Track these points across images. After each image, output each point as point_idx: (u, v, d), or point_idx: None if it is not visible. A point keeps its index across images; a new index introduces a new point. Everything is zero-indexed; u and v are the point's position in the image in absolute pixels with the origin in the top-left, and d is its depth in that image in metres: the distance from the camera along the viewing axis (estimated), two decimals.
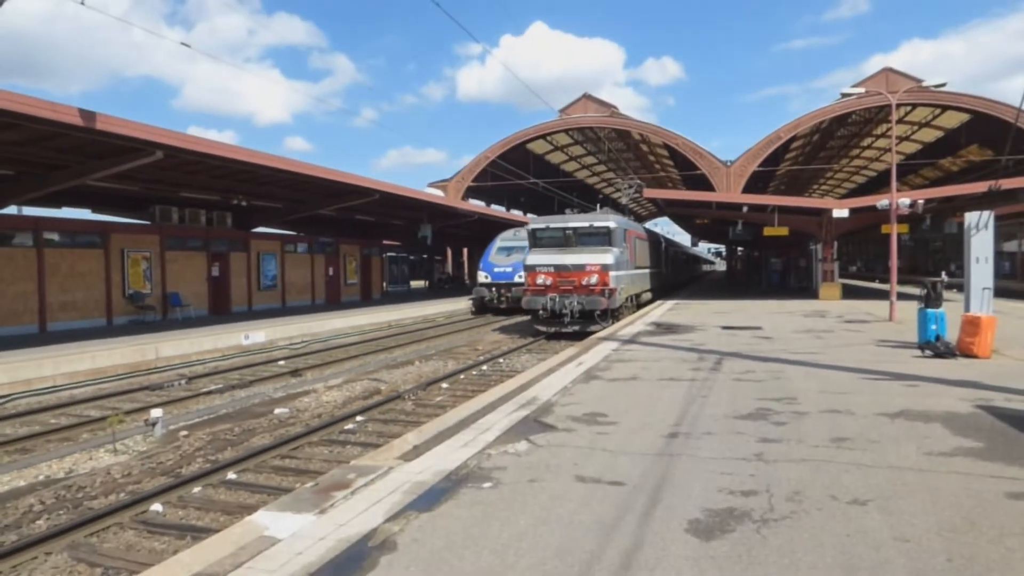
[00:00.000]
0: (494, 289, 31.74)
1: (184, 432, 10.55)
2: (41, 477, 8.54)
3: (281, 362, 18.14)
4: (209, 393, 13.86)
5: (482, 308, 32.67)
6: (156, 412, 10.50)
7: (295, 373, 16.28)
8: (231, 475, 8.39)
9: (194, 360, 17.75)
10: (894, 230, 21.41)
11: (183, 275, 26.00)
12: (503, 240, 33.33)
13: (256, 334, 20.25)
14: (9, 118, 13.02)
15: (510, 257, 31.48)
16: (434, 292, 47.60)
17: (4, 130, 14.41)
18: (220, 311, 27.53)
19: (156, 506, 7.34)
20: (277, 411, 11.88)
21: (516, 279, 29.84)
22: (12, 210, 21.73)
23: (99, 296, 22.50)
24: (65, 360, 14.63)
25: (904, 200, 22.50)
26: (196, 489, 7.92)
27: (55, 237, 21.20)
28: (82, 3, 11.73)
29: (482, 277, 32.37)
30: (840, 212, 28.38)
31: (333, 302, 34.57)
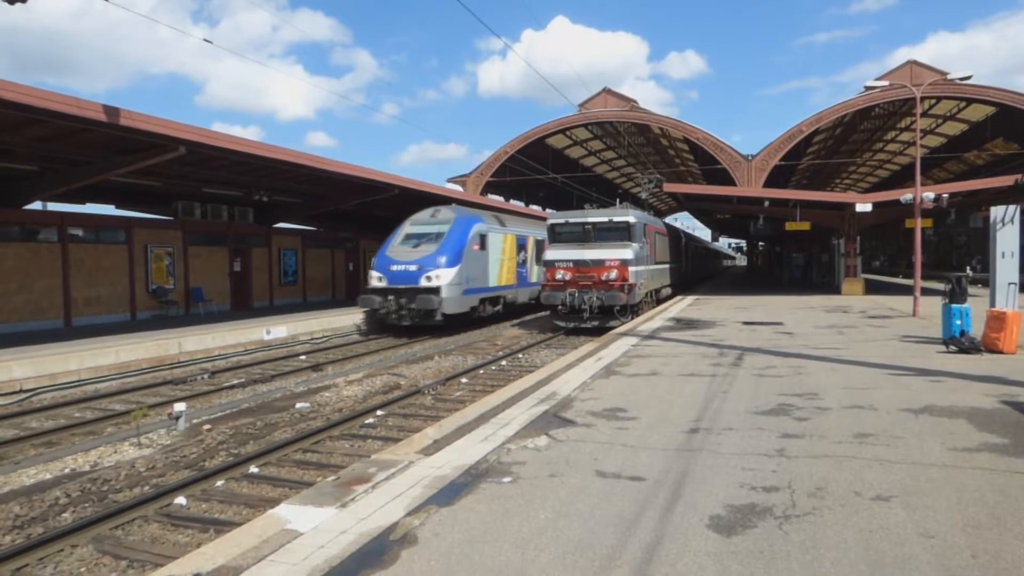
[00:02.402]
0: (391, 297, 21.70)
1: (207, 426, 10.65)
2: (67, 470, 8.66)
3: (302, 356, 18.28)
4: (231, 387, 13.99)
5: (378, 324, 23.25)
6: (179, 406, 10.61)
7: (316, 368, 16.38)
8: (253, 469, 8.46)
9: (216, 355, 17.91)
10: (918, 224, 21.14)
11: (205, 270, 26.26)
12: (414, 224, 24.08)
13: (277, 329, 20.39)
14: (34, 114, 13.18)
15: (418, 249, 22.60)
16: None
17: (29, 126, 14.60)
18: (242, 306, 27.76)
19: (180, 499, 7.43)
20: (298, 405, 11.96)
21: (425, 281, 21.54)
22: (37, 206, 22.01)
23: (123, 291, 22.77)
24: (90, 355, 14.82)
25: (928, 194, 22.21)
26: (219, 483, 8.00)
27: (79, 233, 21.49)
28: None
29: (374, 279, 22.46)
30: (863, 206, 28.05)
31: (353, 297, 34.69)
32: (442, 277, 21.80)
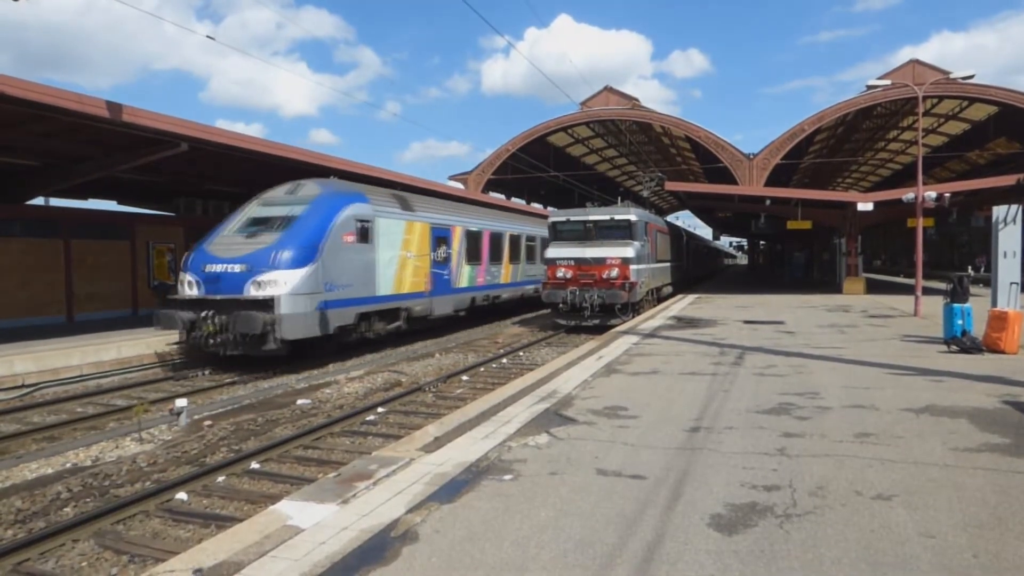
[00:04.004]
0: (207, 313, 14.64)
1: (208, 422, 10.66)
2: (68, 465, 8.68)
3: None
4: (233, 383, 14.01)
5: (192, 346, 15.43)
6: (181, 402, 10.62)
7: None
8: (254, 465, 8.48)
9: None
10: (919, 224, 21.13)
11: None
12: (263, 204, 17.01)
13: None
14: (37, 110, 13.18)
15: (254, 240, 15.56)
16: None
17: (32, 122, 14.59)
18: None
19: (181, 495, 7.44)
20: (299, 402, 11.97)
21: (253, 289, 14.63)
22: (39, 201, 22.03)
23: (125, 287, 22.78)
24: (92, 350, 14.82)
25: (930, 193, 22.20)
26: (220, 478, 8.01)
27: (82, 229, 21.48)
28: None
29: (185, 285, 15.50)
30: (865, 205, 28.04)
31: None
32: (281, 282, 14.52)
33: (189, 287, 15.36)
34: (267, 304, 14.33)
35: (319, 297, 15.38)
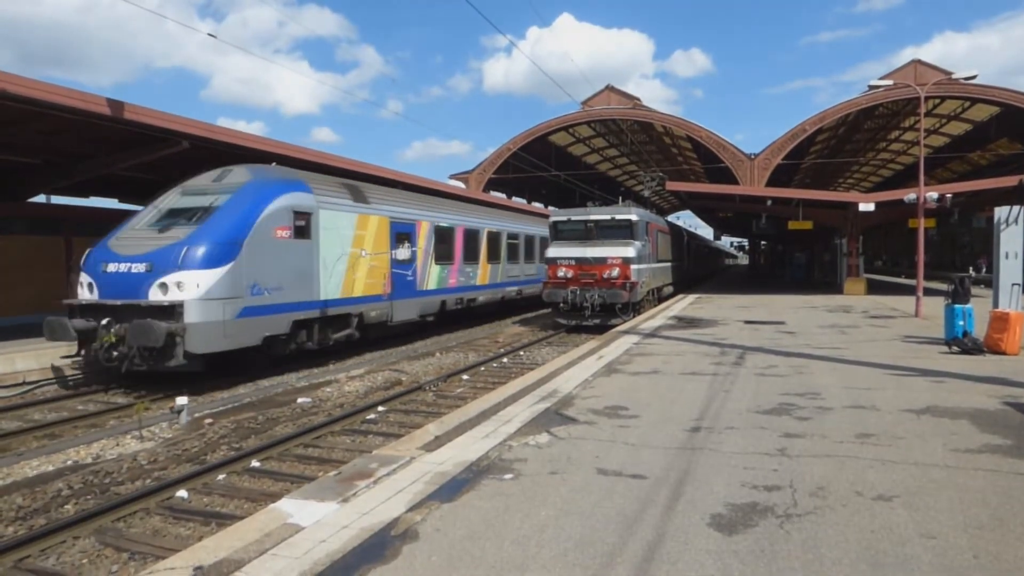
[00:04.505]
0: (106, 321, 12.52)
1: (209, 420, 10.67)
2: (69, 462, 8.68)
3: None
4: (233, 382, 14.01)
5: (91, 360, 13.34)
6: (182, 399, 10.62)
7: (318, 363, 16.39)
8: (255, 463, 8.48)
9: None
10: (921, 224, 21.12)
11: None
12: (185, 193, 14.60)
13: None
14: (39, 108, 13.18)
15: (165, 234, 13.35)
16: None
17: (34, 120, 14.59)
18: None
19: (181, 492, 7.44)
20: (300, 400, 11.97)
21: (157, 292, 12.47)
22: (41, 199, 22.03)
23: None
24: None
25: (932, 194, 22.17)
26: (221, 476, 8.02)
27: (83, 227, 21.47)
28: None
29: (84, 287, 13.25)
30: (866, 206, 28.02)
31: None
32: (190, 285, 12.37)
33: (86, 289, 13.12)
34: (172, 311, 12.28)
35: (240, 302, 13.13)
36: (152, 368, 12.42)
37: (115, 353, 12.37)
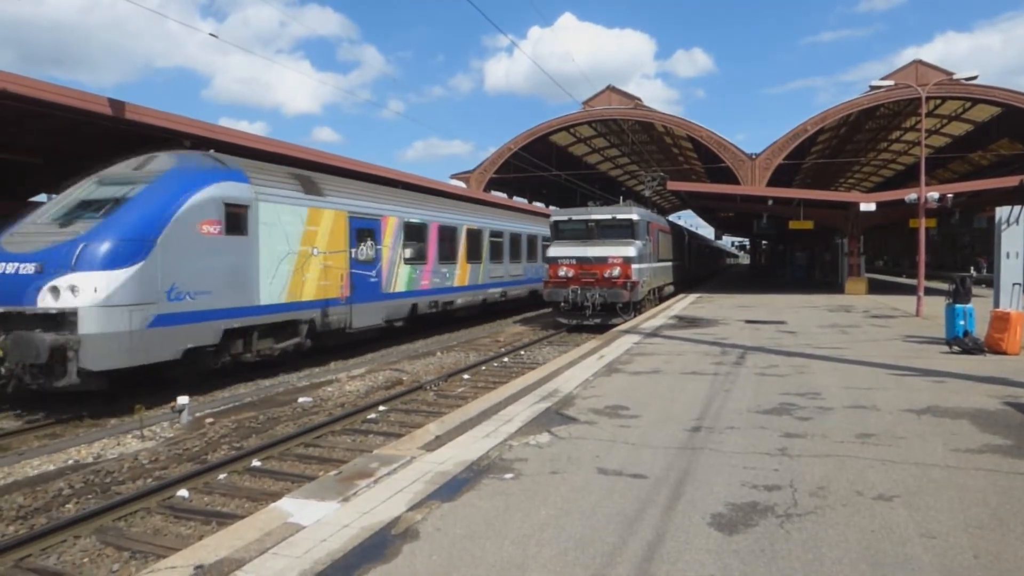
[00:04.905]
0: None
1: (210, 419, 10.67)
2: (70, 462, 8.68)
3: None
4: (234, 381, 14.02)
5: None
6: (182, 399, 10.62)
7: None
8: (256, 462, 8.49)
9: None
10: (922, 225, 21.12)
11: None
12: (99, 183, 12.59)
13: None
14: (41, 107, 13.20)
15: (66, 229, 11.35)
16: None
17: (35, 119, 14.62)
18: None
19: (182, 492, 7.45)
20: (301, 400, 11.98)
21: (47, 298, 10.56)
22: (42, 198, 22.05)
23: None
24: None
25: (933, 194, 22.15)
26: (221, 476, 8.03)
27: None
28: None
29: None
30: (867, 206, 28.01)
31: None
32: (86, 288, 10.59)
33: None
34: (63, 320, 10.46)
35: (151, 309, 11.26)
36: (42, 388, 10.57)
37: (1, 370, 10.52)
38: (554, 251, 22.42)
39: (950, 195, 23.33)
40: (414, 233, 19.81)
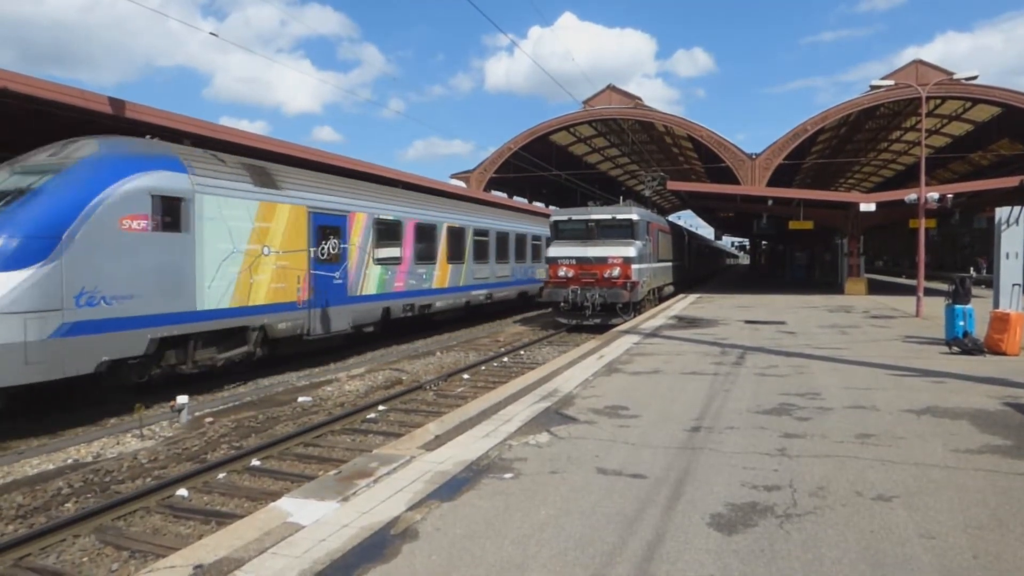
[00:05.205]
0: None
1: (209, 419, 10.67)
2: (69, 461, 8.68)
3: None
4: (234, 381, 14.02)
5: None
6: (182, 398, 10.63)
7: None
8: (255, 462, 8.49)
9: None
10: (922, 225, 21.12)
11: None
12: (19, 171, 11.19)
13: None
14: (40, 106, 13.19)
15: None
16: None
17: (36, 119, 14.61)
18: None
19: (182, 491, 7.45)
20: (300, 399, 11.98)
21: None
22: None
23: None
24: None
25: (933, 194, 22.16)
26: (221, 475, 8.03)
27: None
28: None
29: None
30: (867, 206, 28.01)
31: None
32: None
33: None
34: None
35: (57, 317, 9.90)
36: None
37: None
38: (554, 251, 22.42)
39: (950, 195, 23.33)
40: (387, 231, 18.43)
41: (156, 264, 11.49)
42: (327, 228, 15.79)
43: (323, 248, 15.61)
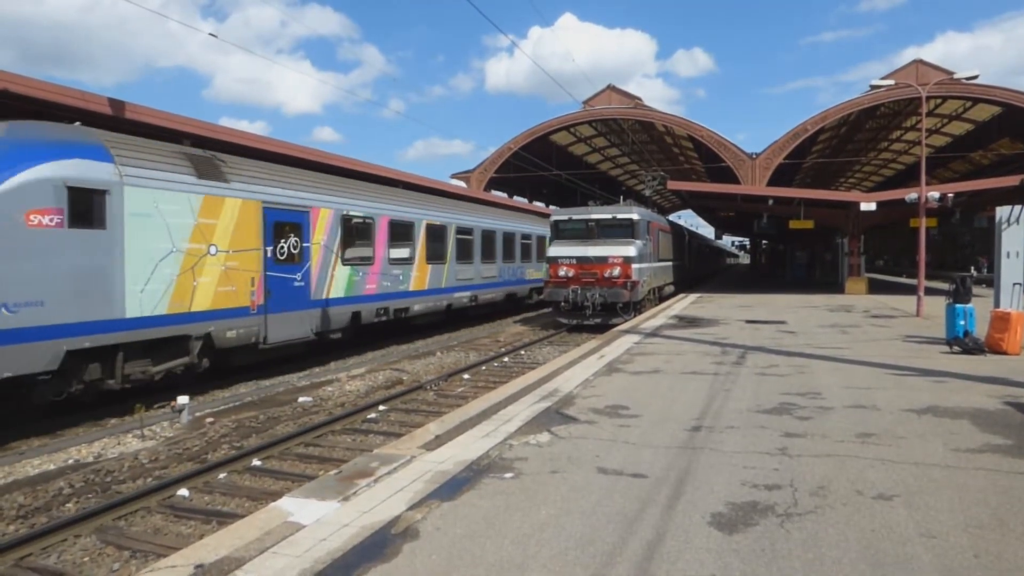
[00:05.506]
0: None
1: (210, 419, 10.68)
2: (70, 461, 8.69)
3: None
4: (234, 381, 14.03)
5: None
6: (183, 399, 10.63)
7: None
8: (256, 462, 8.49)
9: None
10: (923, 224, 21.11)
11: None
12: None
13: None
14: (39, 107, 13.20)
15: None
16: None
17: (36, 119, 14.61)
18: None
19: (183, 491, 7.45)
20: (301, 399, 11.98)
21: None
22: None
23: None
24: None
25: (933, 193, 22.14)
26: (222, 475, 8.03)
27: None
28: None
29: None
30: (868, 205, 28.00)
31: None
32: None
33: None
34: None
35: None
36: None
37: None
38: (554, 251, 22.43)
39: (950, 195, 23.31)
40: (357, 228, 16.99)
41: (72, 265, 10.06)
42: (285, 225, 14.44)
43: (281, 247, 14.27)
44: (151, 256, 11.29)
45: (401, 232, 19.13)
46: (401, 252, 19.09)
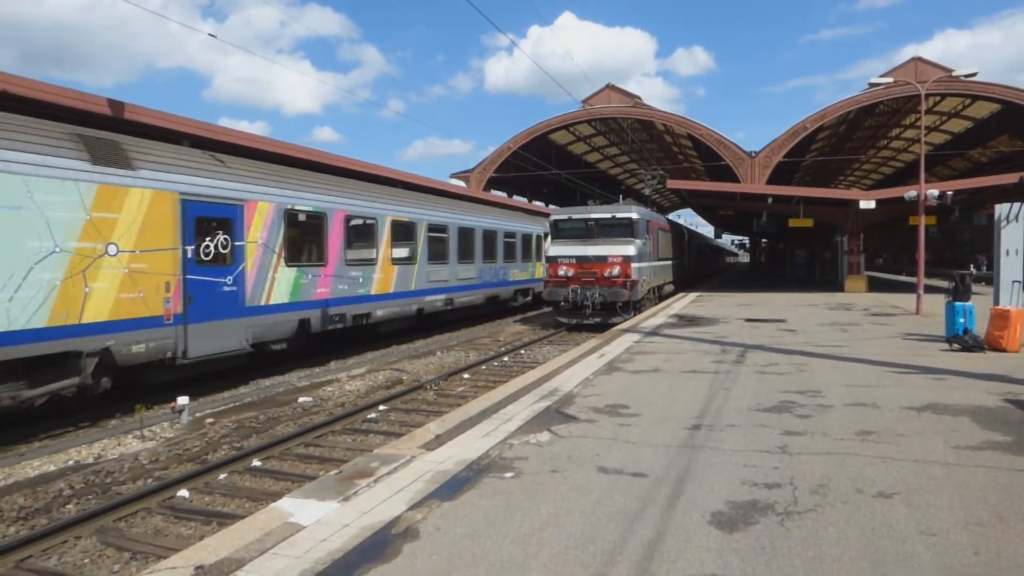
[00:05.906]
0: None
1: (210, 419, 10.68)
2: (70, 462, 8.69)
3: None
4: (234, 382, 14.02)
5: None
6: (183, 399, 10.62)
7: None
8: (256, 462, 8.49)
9: None
10: (922, 222, 21.10)
11: None
12: None
13: None
14: (39, 109, 13.18)
15: None
16: None
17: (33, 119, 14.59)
18: None
19: (183, 492, 7.45)
20: (301, 400, 11.98)
21: None
22: None
23: None
24: None
25: (932, 191, 22.15)
26: (222, 476, 8.03)
27: None
28: None
29: None
30: (867, 203, 28.01)
31: None
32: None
33: None
34: None
35: None
36: None
37: None
38: (554, 250, 22.43)
39: (950, 192, 23.32)
40: (303, 225, 15.14)
41: None
42: (212, 221, 12.54)
43: (206, 247, 12.35)
44: (21, 257, 9.25)
45: (360, 229, 17.25)
46: (360, 251, 17.21)
